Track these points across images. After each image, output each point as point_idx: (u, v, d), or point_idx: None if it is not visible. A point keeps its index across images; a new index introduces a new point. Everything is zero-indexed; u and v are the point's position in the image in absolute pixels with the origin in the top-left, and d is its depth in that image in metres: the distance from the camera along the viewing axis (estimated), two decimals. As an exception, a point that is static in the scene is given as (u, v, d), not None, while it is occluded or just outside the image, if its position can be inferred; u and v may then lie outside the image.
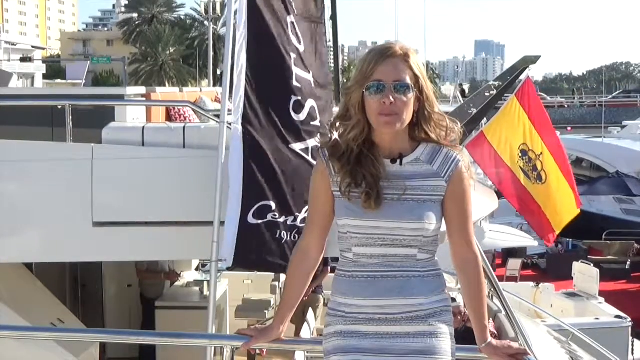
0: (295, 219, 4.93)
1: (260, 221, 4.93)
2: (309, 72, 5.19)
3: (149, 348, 7.50)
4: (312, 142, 5.01)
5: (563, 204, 9.53)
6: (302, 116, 5.04)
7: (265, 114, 5.02)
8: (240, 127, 4.96)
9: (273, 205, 4.94)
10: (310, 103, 5.08)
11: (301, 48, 5.18)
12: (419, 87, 2.84)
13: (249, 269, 5.39)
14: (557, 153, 9.54)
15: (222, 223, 4.93)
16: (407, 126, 2.86)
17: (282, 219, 4.93)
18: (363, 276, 2.86)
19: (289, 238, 4.91)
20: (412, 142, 2.91)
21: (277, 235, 4.93)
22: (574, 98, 71.15)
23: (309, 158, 4.98)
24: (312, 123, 5.06)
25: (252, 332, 3.24)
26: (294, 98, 5.04)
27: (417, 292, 2.85)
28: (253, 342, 3.20)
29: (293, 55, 5.10)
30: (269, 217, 4.94)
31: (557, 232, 9.65)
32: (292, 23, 5.16)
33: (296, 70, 5.08)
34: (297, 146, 5.01)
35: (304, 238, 3.06)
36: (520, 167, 9.43)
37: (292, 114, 5.03)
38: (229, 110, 5.06)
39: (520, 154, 9.48)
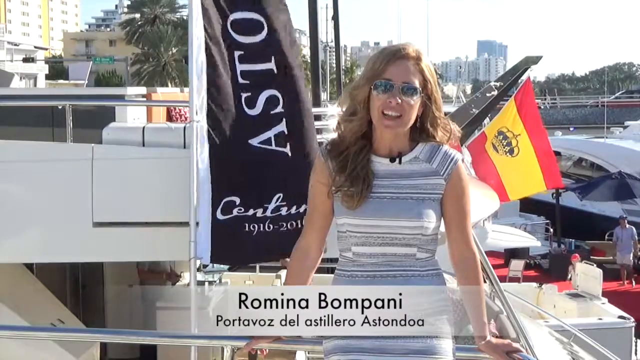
0: (265, 210, 4.94)
1: (227, 217, 4.98)
2: (272, 60, 5.14)
3: (150, 348, 7.48)
4: (275, 130, 5.02)
5: (528, 179, 10.50)
6: (257, 110, 5.05)
7: (223, 110, 5.06)
8: (205, 125, 5.00)
9: (237, 200, 4.97)
10: (265, 94, 5.07)
11: (248, 40, 5.15)
12: (427, 92, 2.83)
13: (226, 264, 5.50)
14: (538, 140, 10.13)
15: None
16: (408, 127, 2.86)
17: (250, 213, 4.95)
18: (362, 275, 2.86)
19: (261, 229, 4.94)
20: (411, 142, 2.91)
21: (246, 229, 4.96)
22: (544, 99, 67.05)
23: (273, 147, 5.00)
24: (272, 112, 5.06)
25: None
26: (244, 95, 5.06)
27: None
28: (254, 342, 3.19)
29: (237, 53, 5.10)
30: (235, 212, 4.97)
31: (511, 199, 10.92)
32: (236, 20, 5.15)
33: (242, 67, 5.08)
34: (256, 140, 5.02)
35: (304, 237, 3.05)
36: (492, 143, 10.00)
37: (246, 109, 5.06)
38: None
39: (497, 134, 10.06)
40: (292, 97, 5.14)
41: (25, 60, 54.22)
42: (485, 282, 6.15)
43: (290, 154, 5.03)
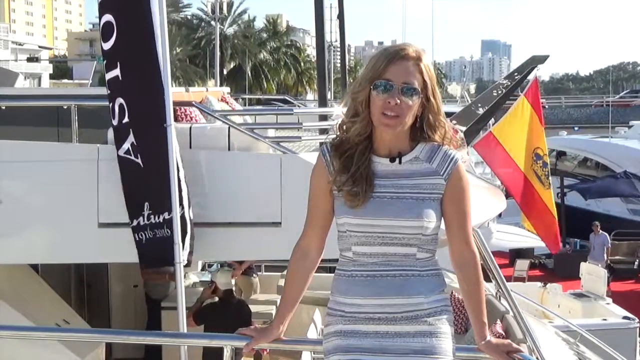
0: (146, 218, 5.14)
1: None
2: (117, 66, 5.09)
3: (155, 348, 7.47)
4: (129, 141, 5.05)
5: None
6: (116, 120, 5.11)
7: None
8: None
9: None
10: (118, 102, 5.09)
11: (107, 45, 5.11)
12: (426, 93, 2.83)
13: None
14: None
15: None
16: (408, 127, 2.86)
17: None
18: (362, 275, 2.86)
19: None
20: (412, 142, 2.91)
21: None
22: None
23: (133, 157, 5.06)
24: (123, 121, 5.09)
25: (252, 332, 3.25)
26: (111, 105, 5.13)
27: (417, 292, 2.84)
28: (254, 342, 3.20)
29: (105, 61, 5.13)
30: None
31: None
32: (108, 22, 5.05)
33: (107, 76, 5.10)
34: (122, 151, 5.10)
35: (304, 237, 3.05)
36: (535, 172, 9.44)
37: (112, 120, 5.15)
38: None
39: (534, 157, 9.49)
40: (136, 106, 5.09)
41: (30, 59, 54.29)
42: (491, 282, 6.16)
43: (142, 165, 5.04)
